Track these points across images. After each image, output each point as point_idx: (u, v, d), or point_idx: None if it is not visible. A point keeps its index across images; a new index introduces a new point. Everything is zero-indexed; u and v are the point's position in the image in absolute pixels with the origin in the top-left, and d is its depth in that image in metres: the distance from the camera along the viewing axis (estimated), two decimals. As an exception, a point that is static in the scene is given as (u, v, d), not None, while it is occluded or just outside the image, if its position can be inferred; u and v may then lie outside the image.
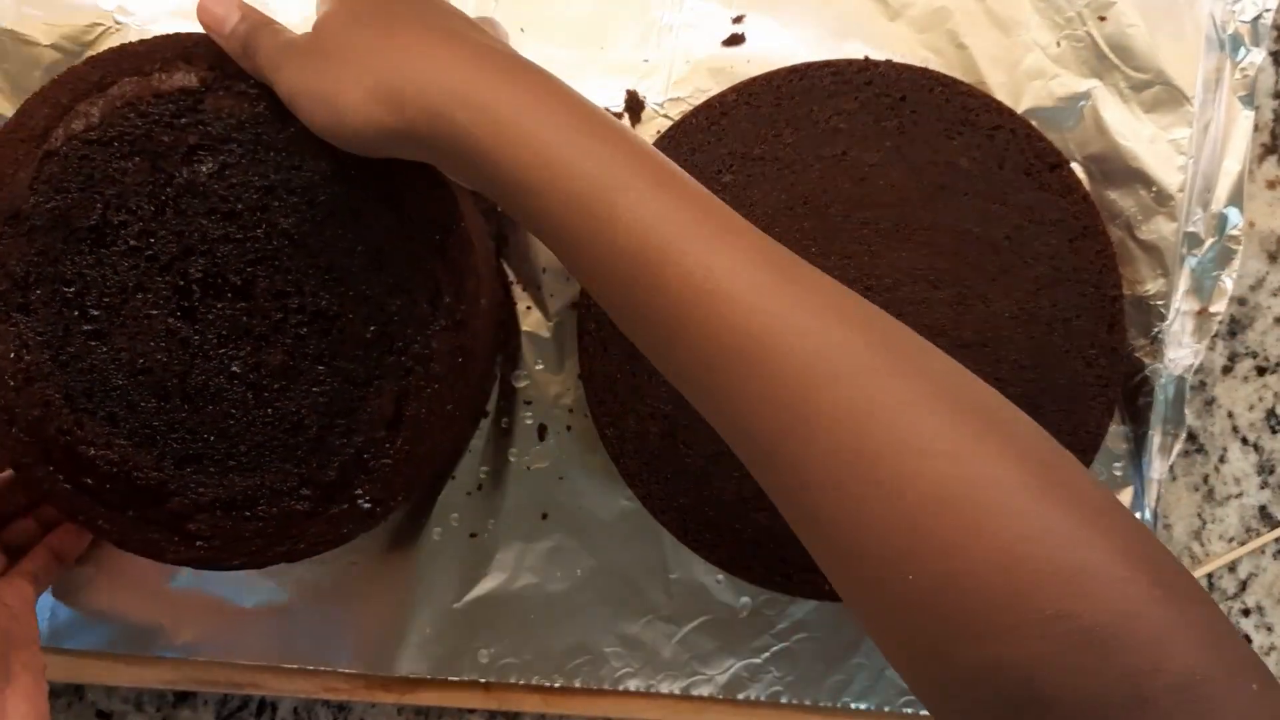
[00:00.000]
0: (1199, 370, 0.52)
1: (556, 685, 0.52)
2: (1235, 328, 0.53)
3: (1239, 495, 0.54)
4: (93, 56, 0.43)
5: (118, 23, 0.49)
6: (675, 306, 0.31)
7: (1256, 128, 0.50)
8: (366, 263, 0.42)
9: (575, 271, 0.34)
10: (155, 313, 0.41)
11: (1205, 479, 0.54)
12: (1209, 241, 0.49)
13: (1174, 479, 0.54)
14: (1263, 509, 0.54)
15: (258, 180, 0.41)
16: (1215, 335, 0.50)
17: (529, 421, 0.51)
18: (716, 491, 0.48)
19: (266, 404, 0.42)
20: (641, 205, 0.31)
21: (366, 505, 0.44)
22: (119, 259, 0.41)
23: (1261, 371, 0.53)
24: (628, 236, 0.31)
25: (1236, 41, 0.48)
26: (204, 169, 0.41)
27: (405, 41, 0.35)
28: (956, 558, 0.27)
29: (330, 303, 0.42)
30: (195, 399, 0.42)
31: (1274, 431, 0.54)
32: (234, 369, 0.42)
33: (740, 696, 0.52)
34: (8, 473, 0.47)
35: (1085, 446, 0.47)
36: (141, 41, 0.43)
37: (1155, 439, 0.49)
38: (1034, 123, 0.47)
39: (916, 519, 0.27)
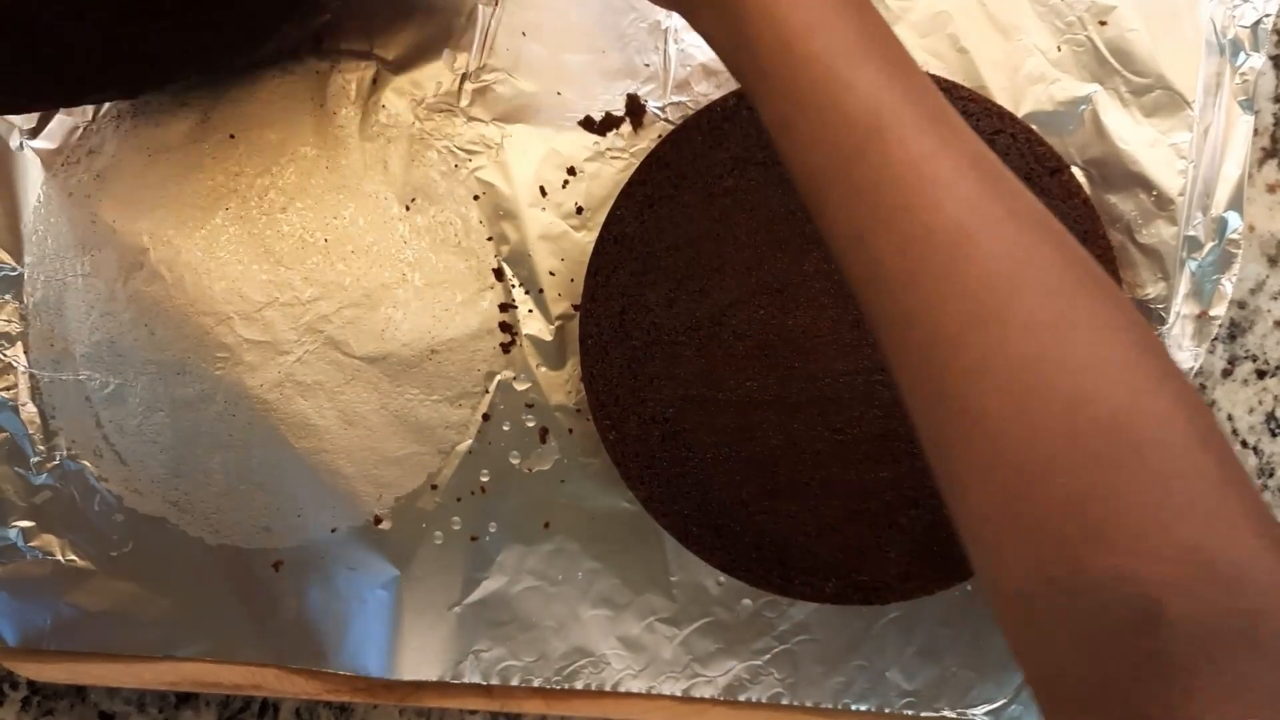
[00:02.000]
0: (1199, 373, 0.52)
1: (558, 687, 0.52)
2: (1235, 331, 0.53)
3: (1238, 498, 0.54)
4: None
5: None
6: (895, 184, 0.32)
7: (1256, 132, 0.50)
8: None
9: (787, 130, 0.35)
10: None
11: (1205, 482, 0.54)
12: (1209, 245, 0.49)
13: (1174, 482, 0.54)
14: (1262, 512, 0.54)
15: None
16: (1215, 338, 0.51)
17: (530, 424, 0.51)
18: (717, 495, 0.48)
19: None
20: (879, 84, 0.33)
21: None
22: None
23: (1261, 375, 0.54)
24: (865, 110, 0.33)
25: (1236, 46, 0.48)
26: None
27: None
28: (1117, 474, 0.29)
29: None
30: None
31: (1273, 435, 0.54)
32: None
33: (741, 698, 0.52)
34: None
35: (1085, 450, 0.47)
36: None
37: (1155, 442, 0.49)
38: (1034, 127, 0.47)
39: (1089, 435, 0.29)
